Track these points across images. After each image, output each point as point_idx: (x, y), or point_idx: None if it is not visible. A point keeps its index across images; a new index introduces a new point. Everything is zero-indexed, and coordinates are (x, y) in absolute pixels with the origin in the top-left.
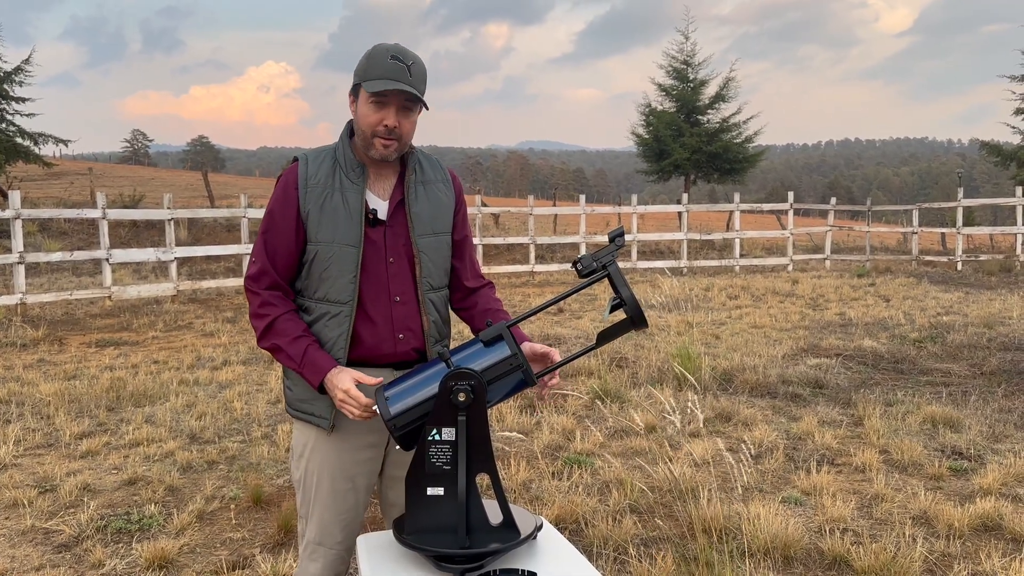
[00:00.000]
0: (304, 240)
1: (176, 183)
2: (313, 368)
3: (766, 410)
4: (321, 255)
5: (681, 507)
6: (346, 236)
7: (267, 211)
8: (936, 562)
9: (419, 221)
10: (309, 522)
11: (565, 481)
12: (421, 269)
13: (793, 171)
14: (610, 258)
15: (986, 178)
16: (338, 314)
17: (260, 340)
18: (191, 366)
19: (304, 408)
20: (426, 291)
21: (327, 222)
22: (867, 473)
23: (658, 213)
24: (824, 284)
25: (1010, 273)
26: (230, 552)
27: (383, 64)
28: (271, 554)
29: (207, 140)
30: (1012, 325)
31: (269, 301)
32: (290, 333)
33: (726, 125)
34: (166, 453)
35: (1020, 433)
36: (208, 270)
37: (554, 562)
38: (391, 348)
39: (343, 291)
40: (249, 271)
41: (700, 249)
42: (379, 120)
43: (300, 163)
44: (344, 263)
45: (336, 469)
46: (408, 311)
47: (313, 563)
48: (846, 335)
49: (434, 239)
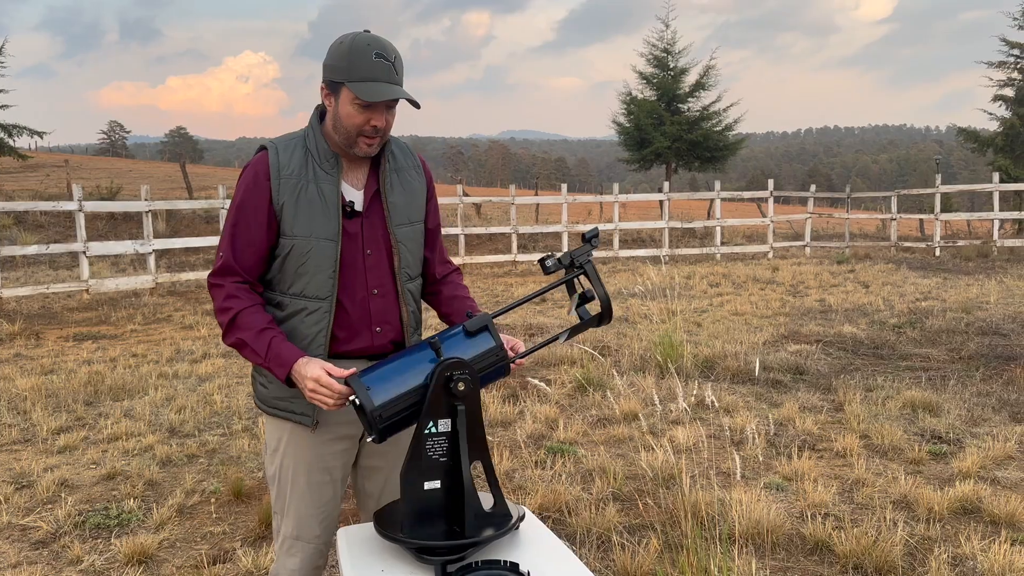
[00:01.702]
0: (276, 233)
1: (154, 175)
2: (278, 361)
3: (748, 397)
4: (298, 249)
5: (664, 494)
6: (324, 230)
7: (235, 203)
8: (916, 546)
9: (396, 211)
10: (285, 517)
11: (548, 470)
12: (400, 260)
13: (773, 159)
14: (586, 257)
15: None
16: (316, 310)
17: (225, 336)
18: (170, 359)
19: (282, 406)
20: (404, 282)
21: (303, 215)
22: (848, 458)
23: (640, 202)
24: (804, 271)
25: (987, 258)
26: (211, 546)
27: (369, 64)
28: (252, 548)
29: (185, 131)
30: (989, 310)
31: (234, 294)
32: (254, 326)
33: (706, 113)
34: (145, 447)
35: (998, 416)
36: (187, 262)
37: (536, 552)
38: (368, 342)
39: (322, 286)
40: (215, 266)
41: (681, 237)
42: (366, 121)
43: (270, 152)
44: (322, 258)
45: (313, 462)
46: (386, 303)
47: (291, 558)
48: (826, 321)
49: (411, 228)
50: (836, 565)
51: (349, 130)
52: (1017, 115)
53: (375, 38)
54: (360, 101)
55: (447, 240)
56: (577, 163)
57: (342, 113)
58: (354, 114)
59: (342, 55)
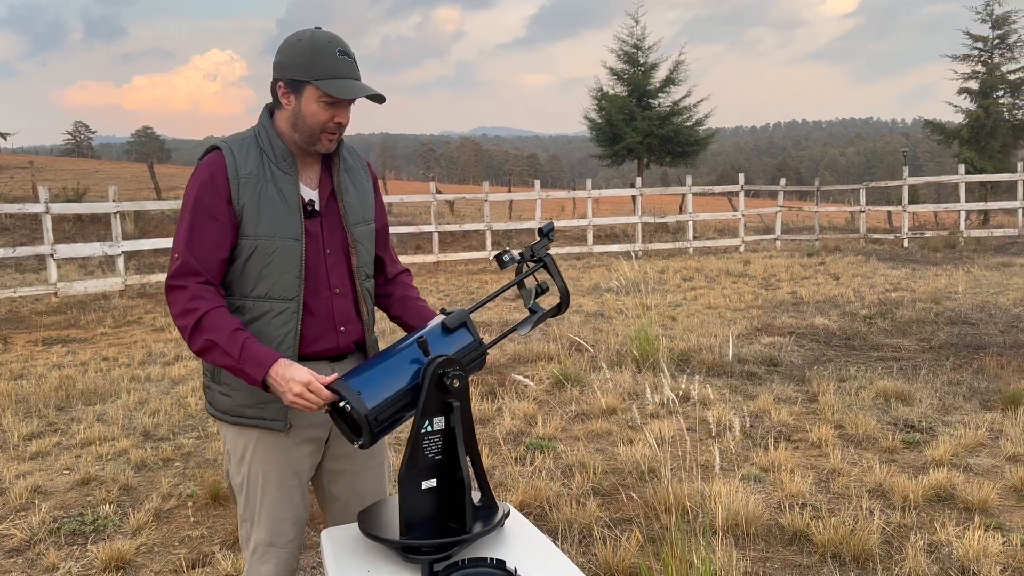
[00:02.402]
0: (235, 234)
1: (121, 175)
2: (255, 362)
3: (723, 389)
4: (261, 250)
5: (643, 488)
6: (288, 229)
7: (188, 203)
8: (893, 534)
9: (351, 210)
10: (256, 525)
11: (528, 466)
12: (357, 259)
13: (743, 153)
14: (544, 251)
15: (929, 156)
16: (283, 311)
17: (190, 339)
18: (142, 362)
19: (251, 413)
20: (363, 280)
21: (266, 215)
22: (823, 448)
23: (612, 197)
24: (775, 264)
25: (954, 249)
26: (189, 550)
27: (333, 61)
28: (231, 551)
29: (151, 131)
30: (958, 300)
31: (199, 295)
32: (225, 327)
33: (677, 108)
34: (119, 452)
35: (968, 405)
36: (156, 263)
37: (522, 548)
38: (334, 342)
39: (288, 287)
40: (173, 268)
41: (654, 232)
42: (331, 118)
43: (225, 152)
44: (288, 258)
45: (284, 467)
46: (347, 303)
47: (265, 565)
48: (798, 313)
49: (365, 227)
50: (815, 555)
51: (313, 127)
52: (982, 107)
53: (333, 35)
54: (328, 99)
55: (422, 238)
56: (549, 159)
57: (306, 112)
58: (319, 112)
59: (303, 52)
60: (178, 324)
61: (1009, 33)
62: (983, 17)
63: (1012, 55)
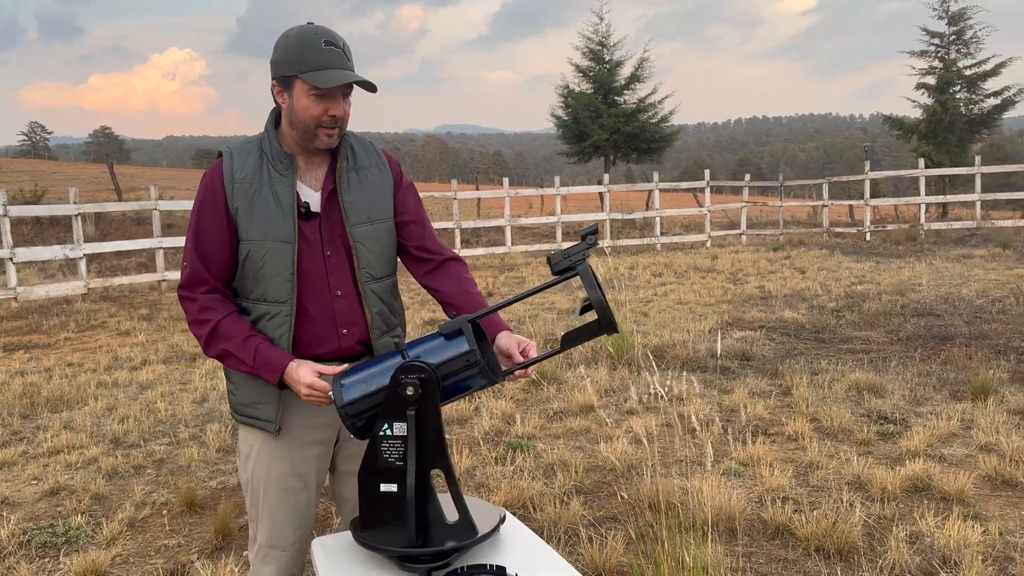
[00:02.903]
0: (236, 238)
1: (80, 176)
2: (268, 367)
3: (698, 384)
4: (254, 253)
5: (625, 485)
6: (279, 232)
7: (194, 210)
8: (874, 525)
9: (353, 210)
10: (259, 525)
11: (508, 466)
12: (359, 260)
13: (705, 149)
14: (580, 256)
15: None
16: (277, 314)
17: (206, 348)
18: (108, 367)
19: (248, 412)
20: (366, 282)
21: (258, 218)
22: (800, 441)
23: (577, 194)
24: (742, 259)
25: (915, 241)
26: (166, 560)
27: (319, 52)
28: (210, 560)
29: (110, 131)
30: (922, 292)
31: (208, 305)
32: (237, 335)
33: (643, 105)
34: (89, 460)
35: (939, 395)
36: (119, 266)
37: (520, 554)
38: (335, 344)
39: (280, 290)
40: (182, 278)
41: (621, 228)
42: (324, 111)
43: (225, 158)
44: (279, 261)
45: (286, 468)
46: (349, 305)
47: (266, 567)
48: (767, 308)
49: (371, 227)
50: (798, 548)
51: (307, 123)
52: (939, 102)
53: (321, 28)
54: (316, 91)
55: None
56: (515, 156)
57: (298, 107)
58: (311, 105)
59: (291, 48)
60: (193, 332)
61: (965, 29)
62: (940, 14)
63: (968, 51)
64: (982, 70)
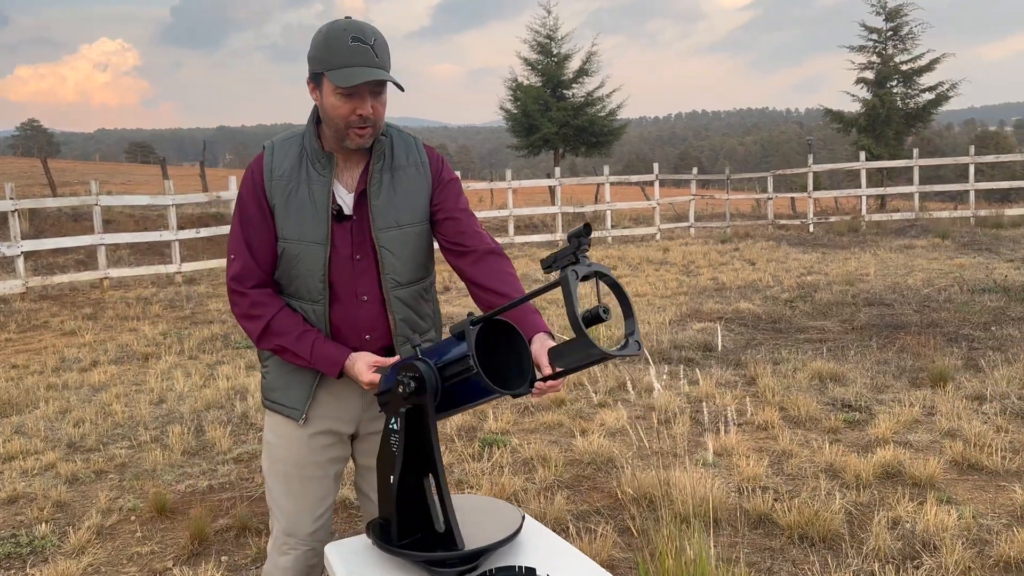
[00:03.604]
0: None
1: (8, 171)
2: (327, 361)
3: (664, 376)
4: (288, 252)
5: (605, 478)
6: (312, 234)
7: (239, 205)
8: (854, 512)
9: (380, 214)
10: (277, 514)
11: (486, 462)
12: (384, 266)
13: (647, 143)
14: (565, 262)
15: (822, 144)
16: (311, 312)
17: (259, 342)
18: (56, 369)
19: (275, 397)
20: (391, 288)
21: (293, 218)
22: (770, 431)
23: (525, 188)
24: (693, 251)
25: (857, 233)
26: (140, 568)
27: (345, 49)
28: (188, 566)
29: (38, 123)
30: (871, 282)
31: (260, 300)
32: (291, 331)
33: (591, 99)
34: (46, 465)
35: (899, 383)
36: (56, 264)
37: (545, 554)
38: (356, 348)
39: (313, 290)
40: (231, 270)
41: (572, 222)
42: (351, 111)
43: (266, 152)
44: (312, 262)
45: (305, 456)
46: (374, 310)
47: (283, 556)
48: (723, 299)
49: (399, 232)
50: (782, 537)
51: (337, 122)
52: (877, 96)
53: (353, 22)
54: (341, 90)
55: None
56: (459, 150)
57: (327, 105)
58: (338, 104)
59: (319, 45)
60: (243, 325)
61: (902, 25)
62: (877, 10)
63: (904, 47)
64: (918, 65)
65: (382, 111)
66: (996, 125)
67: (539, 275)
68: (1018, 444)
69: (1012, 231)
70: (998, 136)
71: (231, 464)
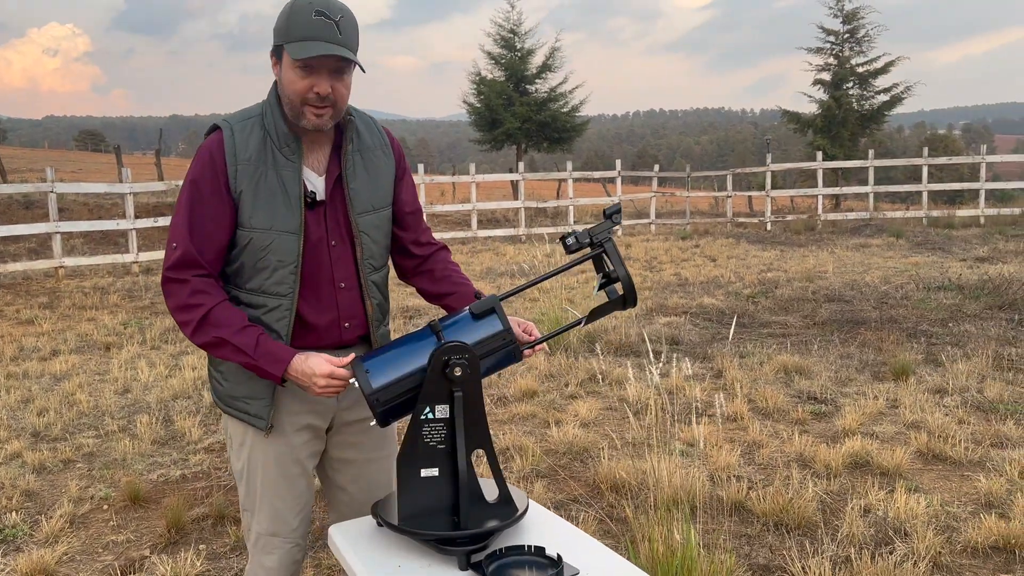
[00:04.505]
0: (235, 223)
1: None
2: (271, 359)
3: (633, 368)
4: (256, 243)
5: (581, 467)
6: (285, 222)
7: (188, 189)
8: (827, 500)
9: (358, 198)
10: (257, 514)
11: None
12: (362, 251)
13: (605, 141)
14: (606, 235)
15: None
16: (276, 307)
17: (195, 335)
18: (14, 358)
19: (238, 406)
20: (368, 273)
21: (263, 206)
22: (739, 422)
23: (488, 182)
24: (654, 247)
25: (814, 231)
26: (116, 556)
27: (307, 22)
28: (167, 554)
29: None
30: (829, 279)
31: (201, 289)
32: (234, 323)
33: (554, 95)
34: (11, 454)
35: (862, 376)
36: (7, 252)
37: (551, 536)
38: (337, 337)
39: (282, 282)
40: (170, 259)
41: (534, 217)
42: (308, 87)
43: (225, 133)
44: (283, 252)
45: (285, 454)
46: (352, 297)
47: (268, 555)
48: (686, 294)
49: (374, 216)
50: (757, 524)
51: (293, 98)
52: (833, 98)
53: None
54: (298, 62)
55: None
56: (417, 143)
57: (285, 80)
58: (295, 80)
59: (283, 16)
60: (177, 319)
61: (858, 28)
62: (835, 12)
63: (860, 49)
64: (873, 68)
65: (344, 93)
66: (945, 128)
67: (502, 268)
68: (979, 435)
69: (963, 231)
70: (947, 139)
71: (202, 453)
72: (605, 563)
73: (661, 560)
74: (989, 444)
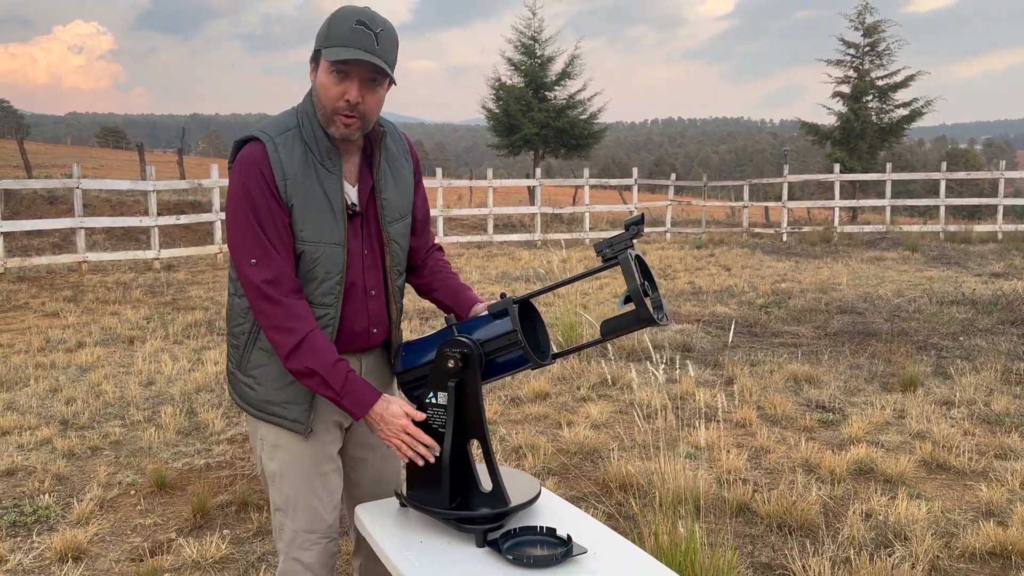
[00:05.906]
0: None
1: None
2: (357, 400)
3: (644, 373)
4: (307, 255)
5: (591, 466)
6: (332, 234)
7: (247, 200)
8: (830, 504)
9: (389, 208)
10: (294, 514)
11: (476, 448)
12: (391, 258)
13: (623, 148)
14: (623, 246)
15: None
16: (322, 317)
17: (288, 359)
18: (42, 349)
19: (273, 411)
20: (395, 279)
21: (311, 219)
22: (748, 428)
23: (504, 188)
24: (669, 255)
25: (830, 243)
26: (144, 538)
27: (348, 29)
28: (193, 538)
29: (8, 104)
30: (843, 291)
31: (296, 313)
32: (326, 355)
33: (572, 101)
34: (42, 441)
35: (871, 387)
36: (31, 246)
37: (561, 520)
38: (365, 343)
39: (328, 293)
40: (262, 274)
41: (549, 223)
42: (340, 94)
43: (268, 146)
44: (331, 264)
45: (319, 452)
46: (380, 303)
47: (306, 552)
48: (699, 302)
49: (401, 224)
50: (761, 525)
51: (326, 104)
52: (852, 110)
53: (365, 9)
54: (332, 67)
55: None
56: (435, 147)
57: (319, 84)
58: (329, 84)
59: (325, 23)
60: (271, 338)
61: (879, 41)
62: (856, 25)
63: (880, 62)
64: (893, 81)
65: (374, 106)
66: (966, 143)
67: (517, 273)
68: (984, 447)
69: (980, 247)
70: (968, 154)
71: (225, 444)
72: (611, 544)
73: (665, 552)
74: (993, 455)
